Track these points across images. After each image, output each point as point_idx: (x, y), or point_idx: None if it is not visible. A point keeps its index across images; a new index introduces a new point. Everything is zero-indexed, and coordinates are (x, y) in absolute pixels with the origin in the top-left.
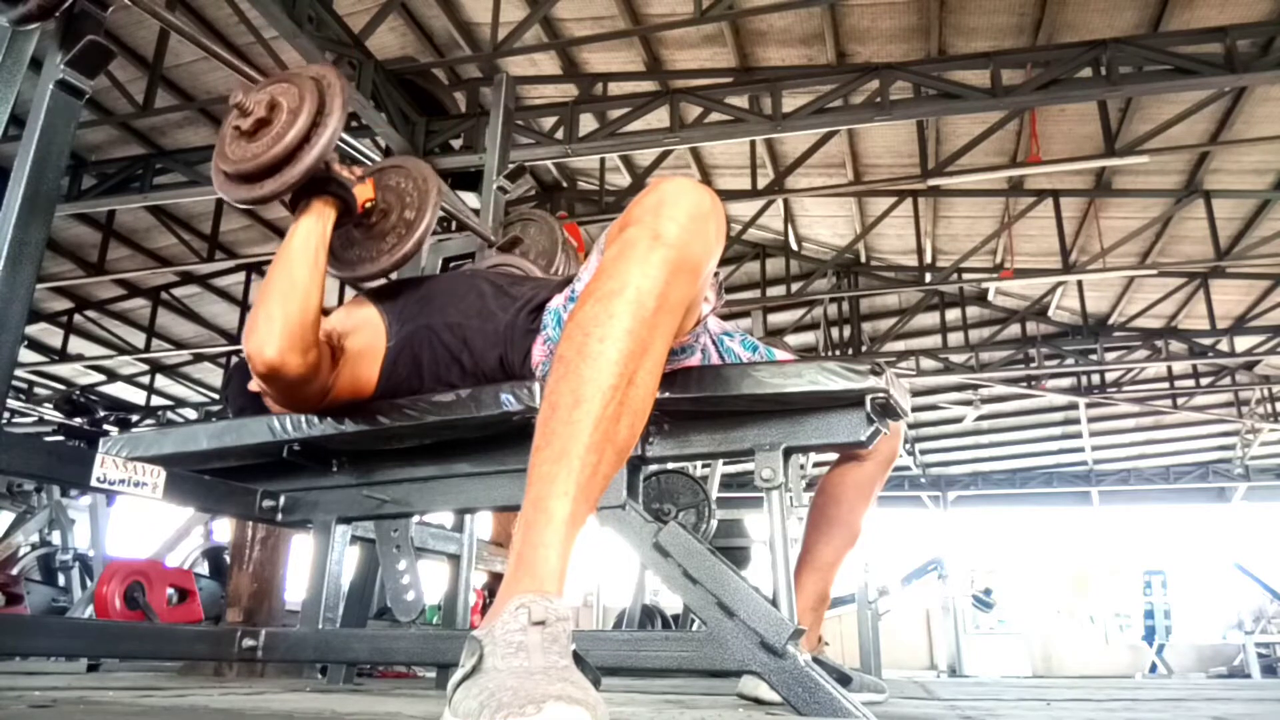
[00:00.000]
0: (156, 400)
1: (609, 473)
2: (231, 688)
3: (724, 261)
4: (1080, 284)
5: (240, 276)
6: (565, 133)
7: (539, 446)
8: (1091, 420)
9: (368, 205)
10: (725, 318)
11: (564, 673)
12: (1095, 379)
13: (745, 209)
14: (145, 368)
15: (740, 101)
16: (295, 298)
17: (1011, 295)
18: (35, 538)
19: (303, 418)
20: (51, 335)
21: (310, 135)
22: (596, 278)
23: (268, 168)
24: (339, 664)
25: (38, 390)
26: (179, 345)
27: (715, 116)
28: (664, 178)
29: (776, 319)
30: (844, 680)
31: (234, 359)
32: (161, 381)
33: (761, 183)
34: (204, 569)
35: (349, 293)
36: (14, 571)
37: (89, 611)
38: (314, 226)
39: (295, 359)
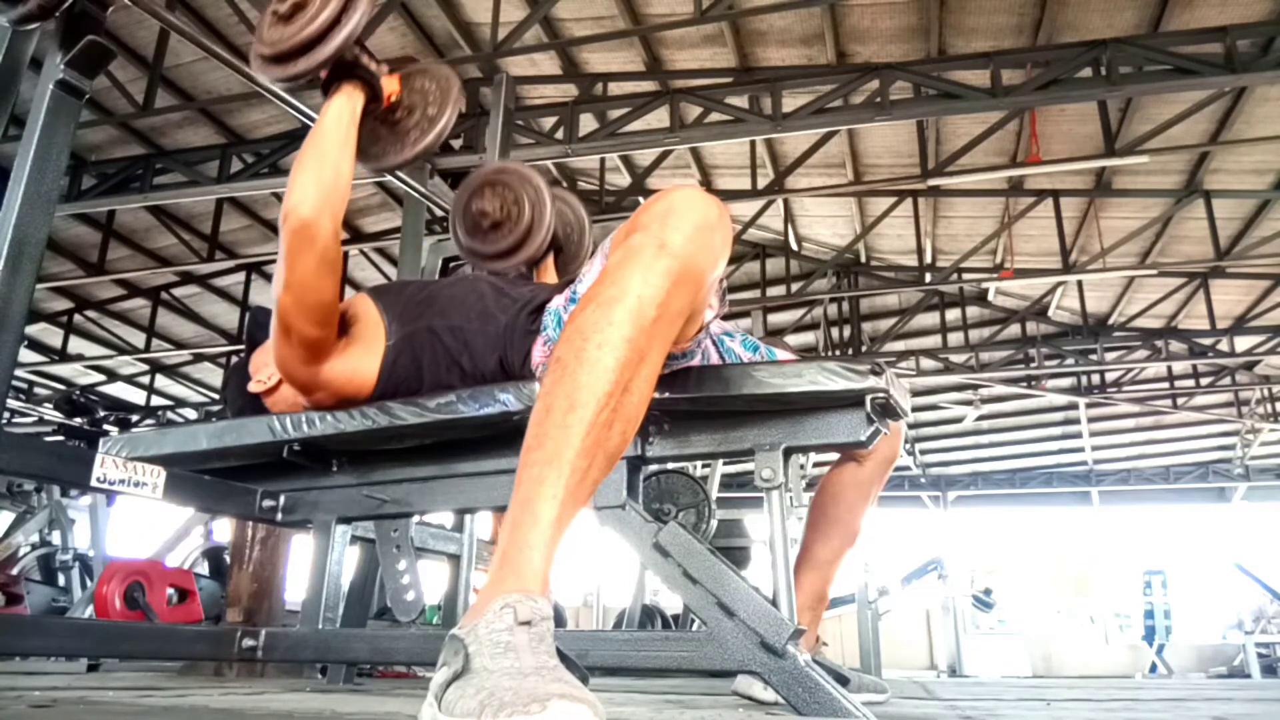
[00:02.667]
0: (156, 400)
1: (598, 477)
2: (231, 688)
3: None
4: (1080, 284)
5: (240, 276)
6: (565, 133)
7: (530, 447)
8: (1091, 420)
9: (393, 100)
10: (725, 318)
11: (556, 672)
12: (1095, 379)
13: (745, 209)
14: (145, 368)
15: (740, 101)
16: (328, 168)
17: (1011, 295)
18: (35, 538)
19: (303, 417)
20: (51, 335)
21: (341, 17)
22: (599, 282)
23: (302, 46)
24: (339, 664)
25: (38, 390)
26: (179, 345)
27: (715, 116)
28: (673, 186)
29: (776, 319)
30: (842, 681)
31: (234, 359)
32: (161, 381)
33: (761, 183)
34: (204, 569)
35: (349, 292)
36: (14, 571)
37: (89, 611)
38: (344, 106)
39: (327, 221)
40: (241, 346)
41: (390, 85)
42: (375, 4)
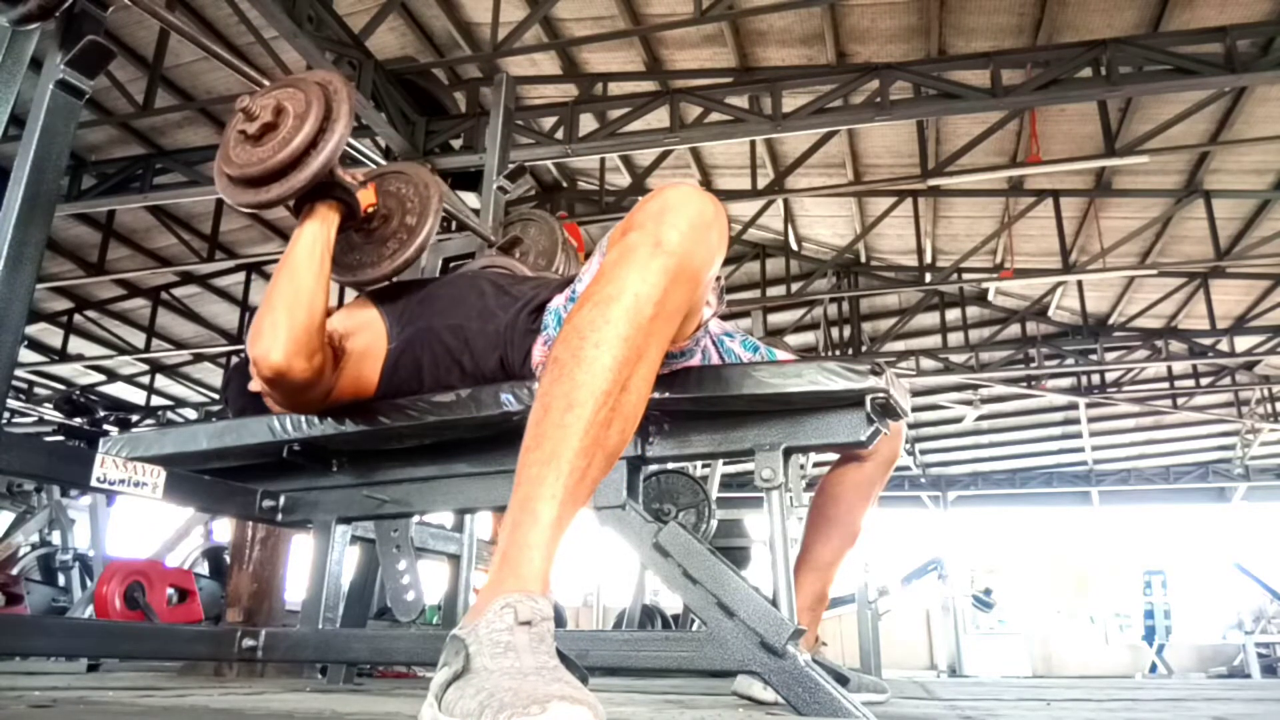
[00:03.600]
0: (156, 400)
1: (597, 477)
2: (231, 688)
3: (724, 262)
4: (1080, 284)
5: (240, 276)
6: (565, 133)
7: (529, 447)
8: (1091, 420)
9: (370, 210)
10: (725, 318)
11: (556, 672)
12: (1095, 379)
13: (745, 209)
14: (145, 368)
15: (740, 101)
16: (301, 304)
17: (1011, 295)
18: (35, 538)
19: (303, 418)
20: (51, 335)
21: (317, 141)
22: (595, 282)
23: (273, 172)
24: (339, 664)
25: (38, 390)
26: (179, 345)
27: (715, 116)
28: (669, 184)
29: (776, 319)
30: (841, 680)
31: (234, 359)
32: (161, 381)
33: (761, 183)
34: (204, 569)
35: (349, 293)
36: (14, 571)
37: (89, 611)
38: (318, 232)
39: (301, 364)
40: (241, 346)
41: (366, 198)
42: (353, 119)
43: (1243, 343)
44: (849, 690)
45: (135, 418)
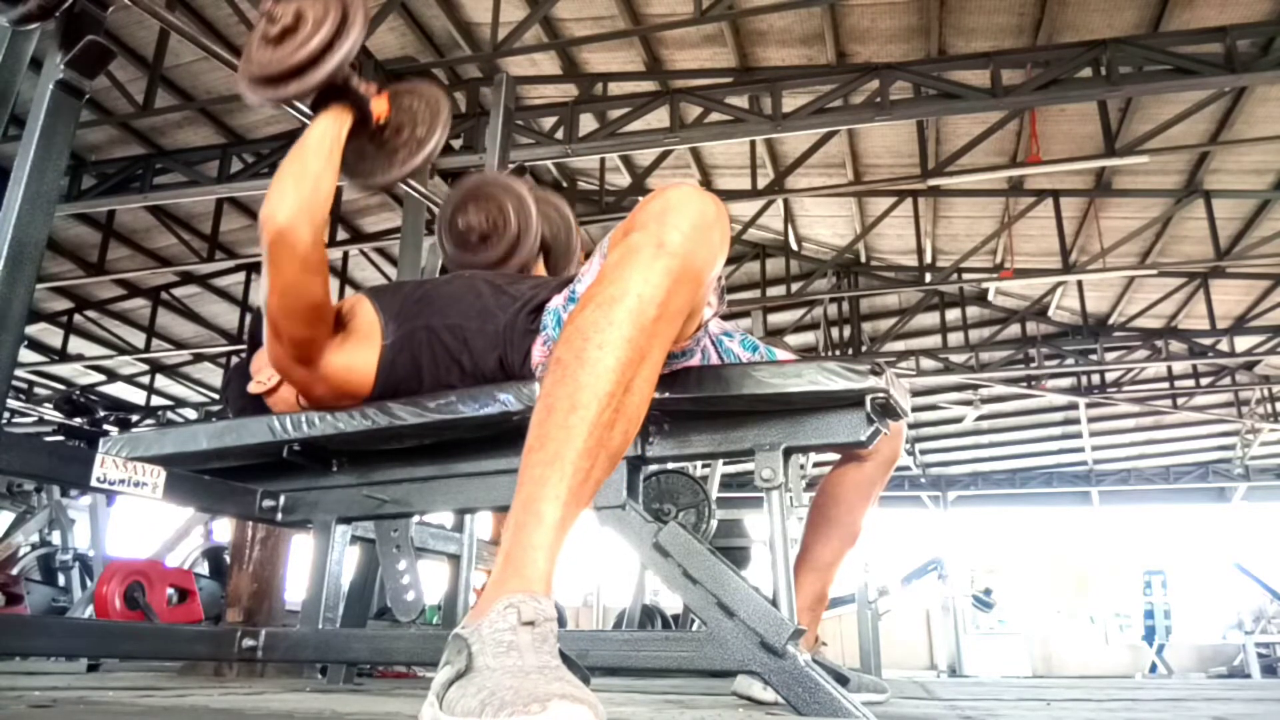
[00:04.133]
0: (156, 400)
1: (600, 477)
2: (231, 688)
3: (724, 262)
4: (1080, 284)
5: (240, 276)
6: (565, 133)
7: (532, 448)
8: (1091, 420)
9: (382, 121)
10: (725, 318)
11: (557, 672)
12: (1095, 379)
13: (745, 209)
14: (145, 368)
15: (740, 101)
16: (308, 178)
17: (1011, 295)
18: (35, 538)
19: (303, 417)
20: (51, 335)
21: (333, 43)
22: (598, 282)
23: (291, 71)
24: (339, 664)
25: (38, 390)
26: (179, 345)
27: (715, 116)
28: (671, 184)
29: (776, 319)
30: (841, 680)
31: (234, 359)
32: (161, 381)
33: (761, 183)
34: (204, 569)
35: (349, 292)
36: (14, 571)
37: (89, 611)
38: (330, 127)
39: (305, 230)
40: (242, 346)
41: (379, 106)
42: (366, 28)
43: (1243, 343)
44: (849, 690)
45: (135, 418)
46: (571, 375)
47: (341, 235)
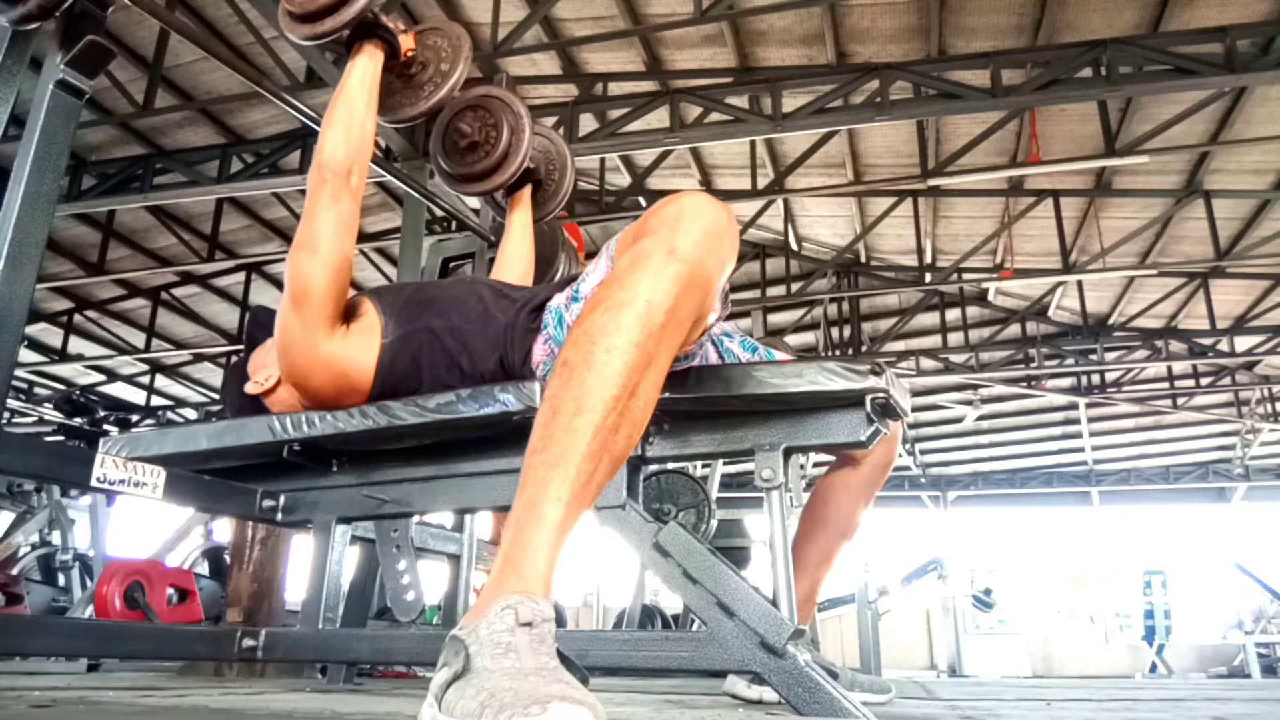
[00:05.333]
0: (156, 400)
1: (603, 480)
2: (231, 688)
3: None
4: (1080, 284)
5: (240, 276)
6: (565, 133)
7: (535, 449)
8: (1091, 420)
9: (410, 55)
10: (725, 318)
11: (556, 673)
12: (1095, 379)
13: (745, 209)
14: (145, 368)
15: (740, 101)
16: (355, 125)
17: (1011, 295)
18: (35, 538)
19: (303, 417)
20: (51, 335)
21: None
22: (607, 285)
23: (326, 8)
24: (339, 664)
25: (38, 390)
26: (179, 345)
27: (715, 116)
28: (684, 191)
29: (776, 319)
30: (830, 676)
31: (234, 359)
32: (161, 381)
33: (761, 183)
34: (204, 569)
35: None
36: (14, 571)
37: (89, 611)
38: (367, 65)
39: (356, 177)
40: (241, 346)
41: (407, 42)
42: None
43: (1243, 343)
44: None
45: (135, 418)
46: (578, 378)
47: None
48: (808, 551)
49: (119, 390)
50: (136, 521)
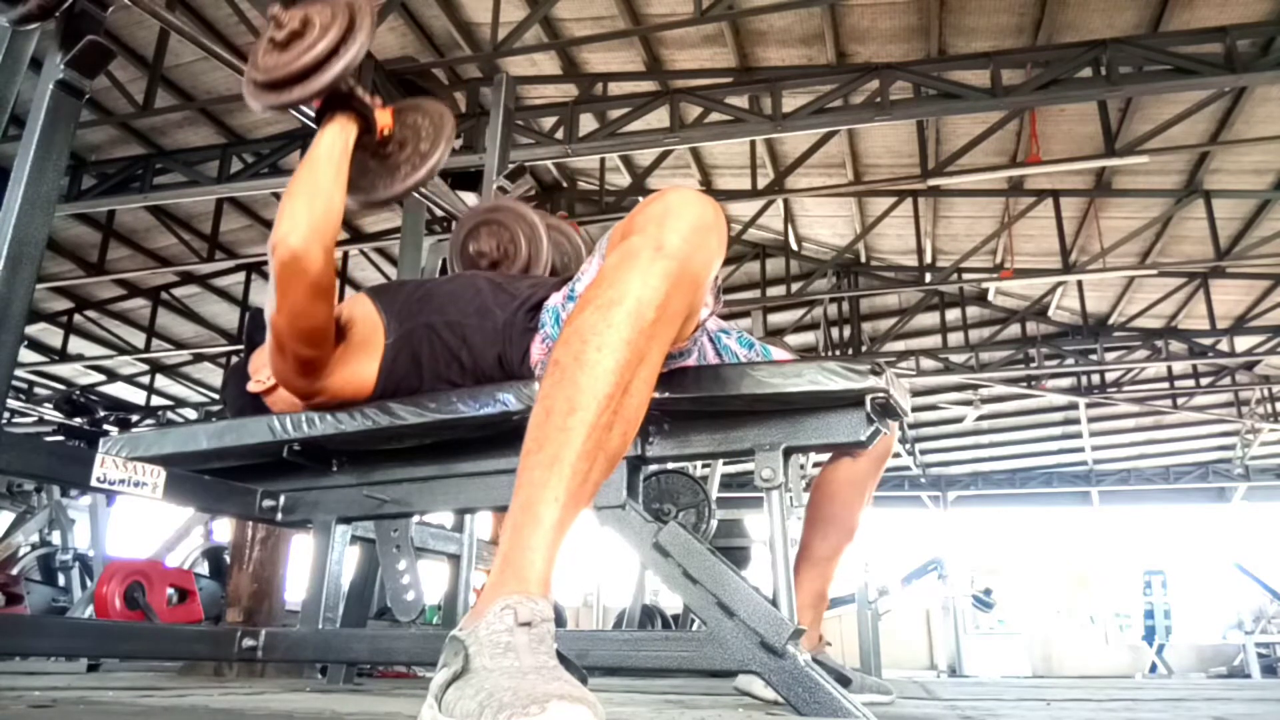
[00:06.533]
0: (156, 400)
1: (599, 479)
2: (231, 688)
3: (724, 262)
4: (1080, 284)
5: (240, 276)
6: (565, 133)
7: (530, 450)
8: (1091, 420)
9: (386, 132)
10: (725, 318)
11: (555, 672)
12: (1095, 379)
13: (745, 209)
14: (145, 368)
15: (740, 101)
16: (320, 196)
17: (1011, 295)
18: (35, 538)
19: (303, 417)
20: (51, 335)
21: (339, 48)
22: (596, 284)
23: (296, 76)
24: (339, 664)
25: (38, 390)
26: (179, 345)
27: (715, 116)
28: (669, 187)
29: (776, 319)
30: (844, 681)
31: (234, 359)
32: (161, 381)
33: (761, 183)
34: (204, 569)
35: (349, 292)
36: (14, 571)
37: (89, 611)
38: (337, 137)
39: (318, 253)
40: (242, 346)
41: (383, 118)
42: (373, 34)
43: (1243, 343)
44: (851, 691)
45: (135, 418)
46: (570, 377)
47: (341, 235)
48: (818, 547)
49: (119, 390)
50: (136, 521)
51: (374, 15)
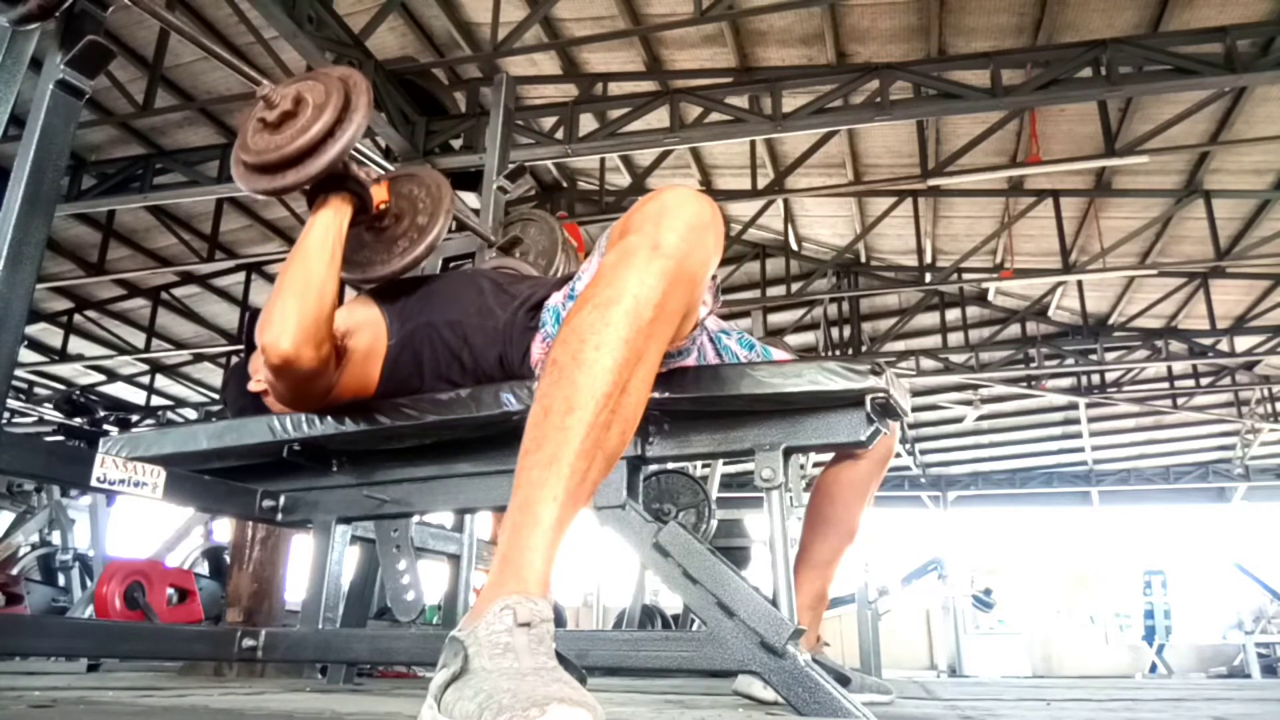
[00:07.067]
0: (156, 400)
1: (597, 479)
2: (231, 688)
3: (724, 262)
4: (1080, 284)
5: (240, 276)
6: (565, 133)
7: (528, 450)
8: (1091, 420)
9: (382, 207)
10: (725, 318)
11: (554, 673)
12: (1095, 379)
13: (745, 209)
14: (145, 368)
15: (740, 101)
16: (312, 291)
17: (1011, 295)
18: (35, 538)
19: (303, 417)
20: (51, 335)
21: (334, 130)
22: (594, 283)
23: (290, 159)
24: (339, 664)
25: (38, 390)
26: (179, 345)
27: (715, 116)
28: (666, 186)
29: (776, 319)
30: (843, 681)
31: (234, 359)
32: (161, 381)
33: (761, 183)
34: (204, 569)
35: (349, 292)
36: (14, 571)
37: (89, 611)
38: (331, 221)
39: (309, 352)
40: (242, 346)
41: (379, 194)
42: (370, 113)
43: (1243, 343)
44: (851, 691)
45: (135, 418)
46: (568, 376)
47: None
48: (818, 550)
49: (119, 390)
50: (136, 521)
51: (369, 93)
